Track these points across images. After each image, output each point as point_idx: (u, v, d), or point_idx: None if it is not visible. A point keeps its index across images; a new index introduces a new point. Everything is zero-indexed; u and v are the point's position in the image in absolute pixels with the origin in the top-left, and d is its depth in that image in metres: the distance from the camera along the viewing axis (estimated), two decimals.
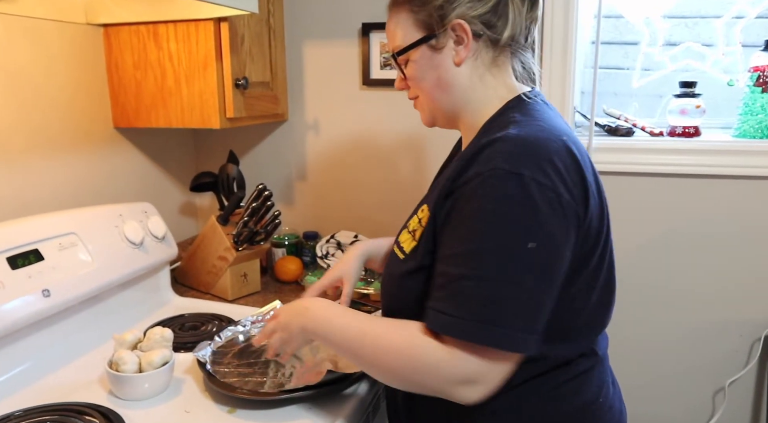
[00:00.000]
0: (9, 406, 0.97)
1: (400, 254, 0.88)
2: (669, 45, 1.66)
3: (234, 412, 0.98)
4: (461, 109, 0.89)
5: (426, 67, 0.87)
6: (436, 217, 0.80)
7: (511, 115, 0.82)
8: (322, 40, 1.69)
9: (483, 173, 0.73)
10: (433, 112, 0.92)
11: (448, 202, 0.77)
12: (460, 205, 0.75)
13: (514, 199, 0.71)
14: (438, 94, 0.88)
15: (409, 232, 0.88)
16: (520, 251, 0.71)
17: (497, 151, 0.74)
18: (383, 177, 1.72)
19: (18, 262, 1.05)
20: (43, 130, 1.32)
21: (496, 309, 0.71)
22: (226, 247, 1.47)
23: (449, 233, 0.76)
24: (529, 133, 0.76)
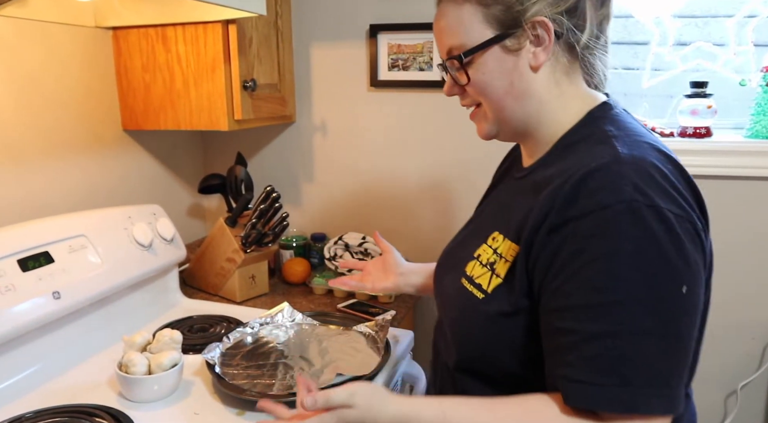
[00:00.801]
0: (20, 407, 0.98)
1: (478, 293, 0.76)
2: (679, 45, 1.64)
3: (243, 414, 0.98)
4: (535, 120, 0.77)
5: (496, 72, 0.74)
6: (534, 254, 0.68)
7: (603, 129, 0.71)
8: (329, 41, 1.69)
9: (611, 206, 0.61)
10: (500, 125, 0.78)
11: (555, 239, 0.65)
12: (581, 244, 0.63)
13: (658, 237, 0.60)
14: (510, 103, 0.75)
15: (483, 266, 0.77)
16: (674, 298, 0.61)
17: (619, 177, 0.62)
18: (391, 179, 1.72)
19: (29, 265, 1.05)
20: (53, 133, 1.32)
21: (659, 370, 0.60)
22: (235, 249, 1.47)
23: (569, 279, 0.64)
24: (643, 153, 0.66)
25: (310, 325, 1.28)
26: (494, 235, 0.77)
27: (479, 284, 0.76)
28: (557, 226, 0.65)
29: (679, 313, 0.61)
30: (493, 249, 0.76)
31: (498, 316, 0.72)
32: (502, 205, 0.83)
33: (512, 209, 0.76)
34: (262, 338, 1.21)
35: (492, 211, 0.86)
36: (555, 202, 0.65)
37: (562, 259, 0.64)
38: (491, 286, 0.74)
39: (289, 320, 1.29)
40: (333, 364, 1.11)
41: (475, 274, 0.77)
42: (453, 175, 1.65)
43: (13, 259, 1.03)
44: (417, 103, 1.64)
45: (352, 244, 1.61)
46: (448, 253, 0.92)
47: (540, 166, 0.77)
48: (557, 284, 0.65)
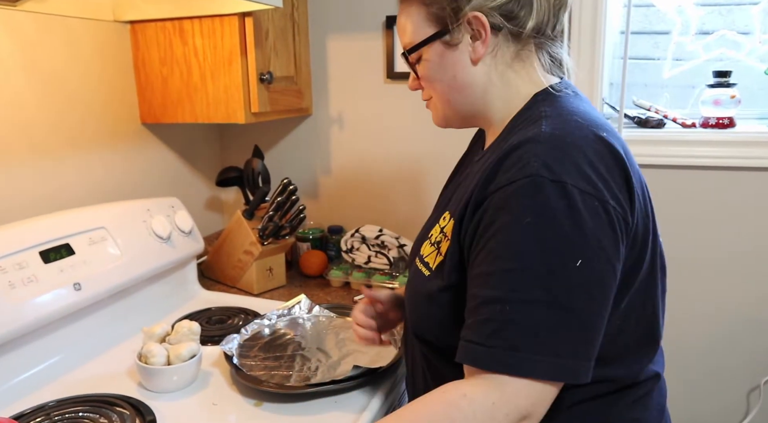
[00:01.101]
0: (42, 396, 1.00)
1: (425, 270, 0.79)
2: (702, 34, 1.61)
3: (261, 405, 0.98)
4: (480, 110, 0.80)
5: (439, 66, 0.78)
6: (463, 230, 0.71)
7: (540, 110, 0.73)
8: (345, 33, 1.68)
9: (517, 180, 0.64)
10: (446, 114, 0.83)
11: (477, 214, 0.68)
12: (492, 216, 0.66)
13: (557, 212, 0.62)
14: (453, 95, 0.79)
15: (431, 245, 0.80)
16: (566, 270, 0.62)
17: (531, 153, 0.65)
18: (408, 170, 1.71)
19: (50, 256, 1.07)
20: (73, 126, 1.34)
21: (545, 338, 0.62)
22: (252, 241, 1.48)
23: (481, 249, 0.67)
24: (565, 131, 0.68)
25: (327, 317, 1.28)
26: (445, 215, 0.80)
27: (427, 262, 0.79)
28: (479, 202, 0.68)
29: (570, 285, 0.63)
30: (442, 228, 0.78)
31: (435, 292, 0.75)
32: (457, 187, 0.85)
33: (461, 189, 0.79)
34: (279, 330, 1.22)
35: (449, 194, 0.88)
36: (481, 180, 0.69)
37: (479, 232, 0.68)
38: (435, 263, 0.77)
39: (306, 312, 1.29)
40: (350, 356, 1.11)
41: (425, 253, 0.81)
42: None
43: (35, 251, 1.05)
44: None
45: (369, 237, 1.61)
46: (416, 239, 0.93)
47: (489, 149, 0.79)
48: (473, 255, 0.69)
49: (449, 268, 0.73)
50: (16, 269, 1.00)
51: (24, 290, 1.00)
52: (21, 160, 1.22)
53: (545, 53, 0.80)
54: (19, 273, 1.01)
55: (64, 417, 0.93)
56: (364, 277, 1.52)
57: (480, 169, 0.74)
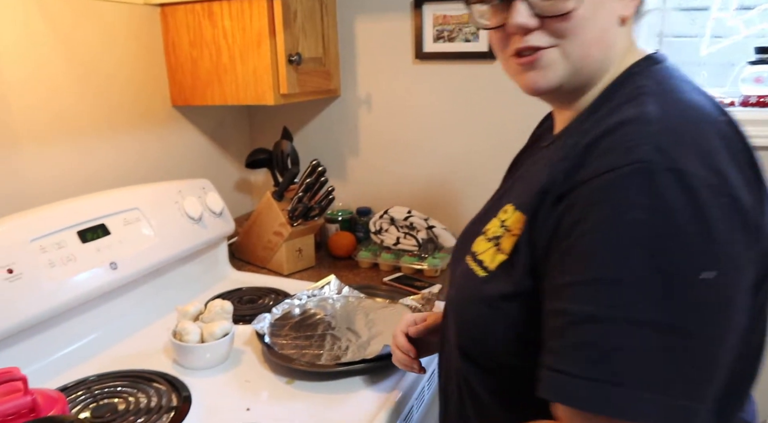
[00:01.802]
0: (82, 371, 1.03)
1: (480, 270, 0.65)
2: (743, 9, 1.55)
3: (292, 383, 1.00)
4: (591, 81, 0.64)
5: (600, 11, 0.60)
6: (537, 226, 0.58)
7: (639, 85, 0.60)
8: (373, 13, 1.66)
9: (620, 167, 0.51)
10: (571, 75, 0.63)
11: (558, 208, 0.56)
12: (583, 212, 0.53)
13: (676, 208, 0.48)
14: (594, 52, 0.61)
15: (489, 241, 0.66)
16: (686, 284, 0.48)
17: (638, 135, 0.52)
18: (436, 152, 1.70)
19: (87, 236, 1.09)
20: (106, 110, 1.36)
21: (656, 370, 0.48)
22: (281, 222, 1.49)
23: (567, 252, 0.54)
24: (680, 110, 0.55)
25: (357, 298, 1.29)
26: (507, 208, 0.66)
27: (481, 261, 0.66)
28: (563, 194, 0.55)
29: (691, 304, 0.48)
30: (502, 222, 0.66)
31: (498, 299, 0.61)
32: (521, 177, 0.73)
33: (526, 179, 0.68)
34: (309, 310, 1.23)
35: (511, 185, 0.75)
36: (564, 167, 0.57)
37: (563, 231, 0.54)
38: (495, 263, 0.63)
39: (336, 293, 1.30)
40: (380, 335, 1.12)
41: (479, 250, 0.67)
42: (502, 150, 1.61)
43: (73, 231, 1.08)
44: (463, 75, 1.61)
45: (398, 218, 1.61)
46: (462, 235, 0.82)
47: (565, 132, 0.67)
48: (555, 259, 0.55)
49: (519, 271, 0.60)
50: (55, 248, 1.03)
51: (63, 269, 1.03)
52: (57, 142, 1.25)
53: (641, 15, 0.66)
54: (59, 252, 1.04)
55: (104, 391, 0.96)
56: (393, 258, 1.52)
57: (555, 155, 0.62)
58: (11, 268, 0.95)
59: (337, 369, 1.00)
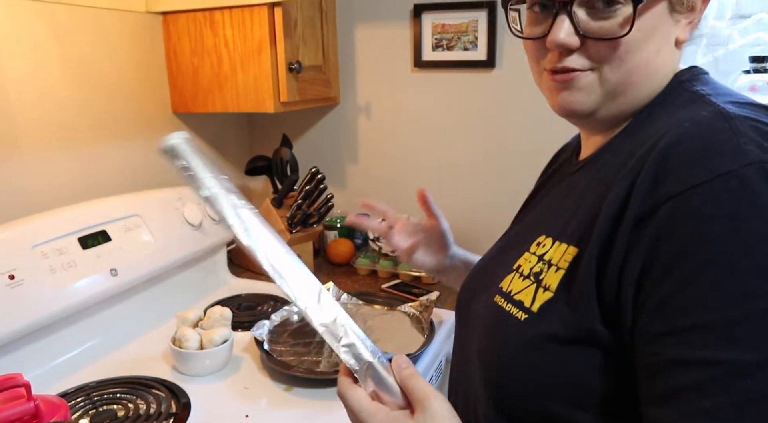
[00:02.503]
0: (82, 377, 1.03)
1: (518, 312, 0.55)
2: (738, 18, 1.57)
3: (291, 390, 1.00)
4: (630, 107, 0.58)
5: (652, 33, 0.54)
6: (611, 258, 0.48)
7: (692, 90, 0.55)
8: (373, 22, 1.68)
9: (733, 171, 0.42)
10: (610, 102, 0.57)
11: (645, 232, 0.45)
12: (696, 231, 0.42)
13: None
14: (641, 77, 0.55)
15: (525, 278, 0.57)
16: None
17: (734, 134, 0.45)
18: (435, 159, 1.71)
19: (88, 243, 1.10)
20: (107, 116, 1.37)
21: None
22: (280, 229, 1.50)
23: (684, 285, 0.43)
24: (756, 113, 0.49)
25: (355, 305, 1.30)
26: (539, 239, 0.58)
27: (520, 302, 0.56)
28: (646, 214, 0.45)
29: None
30: (539, 256, 0.57)
31: (548, 342, 0.51)
32: (550, 207, 0.65)
33: (564, 207, 0.59)
34: None
35: (535, 217, 0.67)
36: (636, 181, 0.47)
37: (665, 260, 0.44)
38: (537, 303, 0.53)
39: (335, 300, 1.31)
40: (378, 343, 1.11)
41: (514, 289, 0.57)
42: (500, 157, 1.63)
43: (74, 237, 1.09)
44: (462, 83, 1.62)
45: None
46: (476, 273, 0.73)
47: (602, 152, 0.59)
48: (663, 296, 0.44)
49: (587, 314, 0.49)
50: (56, 255, 1.04)
51: (64, 275, 1.04)
52: (58, 149, 1.26)
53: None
54: (59, 258, 1.04)
55: (103, 397, 0.97)
56: (391, 266, 1.53)
57: (598, 177, 0.55)
58: (13, 274, 0.96)
59: (336, 376, 1.00)
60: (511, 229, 0.75)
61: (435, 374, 1.16)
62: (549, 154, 0.82)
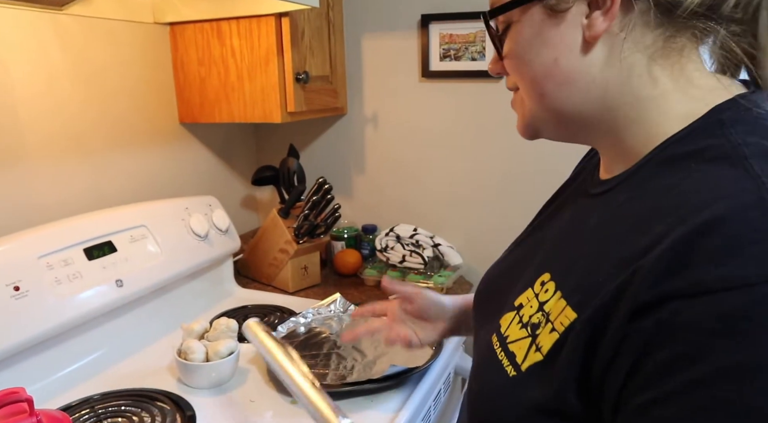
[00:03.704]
0: (86, 389, 1.02)
1: (509, 365, 0.53)
2: None
3: (296, 403, 0.99)
4: (598, 117, 0.53)
5: (536, 42, 0.52)
6: (602, 343, 0.43)
7: (733, 140, 0.45)
8: (380, 32, 1.68)
9: (755, 284, 0.36)
10: (537, 116, 0.56)
11: (644, 325, 0.40)
12: (700, 344, 0.38)
13: None
14: (550, 87, 0.53)
15: (522, 326, 0.54)
16: None
17: (762, 234, 0.38)
18: (443, 170, 1.70)
19: (94, 254, 1.10)
20: (115, 126, 1.37)
21: None
22: (287, 240, 1.49)
23: (675, 395, 0.39)
24: None
25: (362, 317, 1.28)
26: (543, 277, 0.55)
27: (513, 353, 0.53)
28: (647, 306, 0.40)
29: None
30: (540, 303, 0.53)
31: (532, 410, 0.49)
32: (561, 231, 0.61)
33: (572, 245, 0.55)
34: (314, 328, 1.23)
35: (550, 237, 0.63)
36: (646, 263, 0.41)
37: (656, 364, 0.40)
38: (527, 363, 0.51)
39: (342, 311, 1.30)
40: (386, 355, 1.11)
41: (511, 336, 0.55)
42: (509, 169, 1.61)
43: (79, 248, 1.08)
44: (469, 93, 1.61)
45: (404, 236, 1.60)
46: (492, 281, 0.71)
47: (619, 185, 0.53)
48: (646, 400, 0.40)
49: (561, 382, 0.47)
50: (62, 265, 1.03)
51: (69, 286, 1.03)
52: (66, 159, 1.25)
53: (717, 44, 0.51)
54: (65, 269, 1.04)
55: (108, 410, 0.96)
56: (399, 276, 1.52)
57: (609, 219, 0.51)
58: (18, 285, 0.95)
59: (343, 388, 0.99)
60: (527, 238, 0.71)
61: (443, 387, 1.15)
62: (558, 163, 0.79)
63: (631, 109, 0.52)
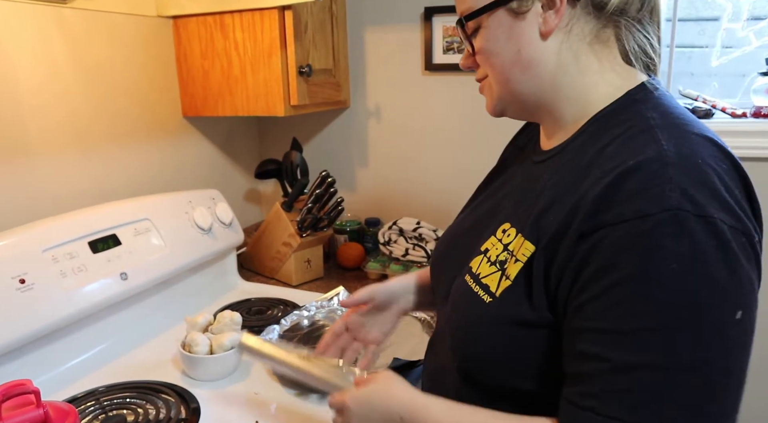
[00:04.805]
0: (91, 382, 1.03)
1: (484, 294, 0.66)
2: (753, 20, 1.55)
3: (301, 395, 0.99)
4: (548, 97, 0.67)
5: (502, 38, 0.65)
6: (555, 263, 0.59)
7: (644, 115, 0.61)
8: (383, 25, 1.67)
9: (652, 215, 0.52)
10: (506, 99, 0.70)
11: (580, 247, 0.56)
12: (613, 257, 0.53)
13: (709, 255, 0.51)
14: (515, 73, 0.66)
15: (491, 264, 0.67)
16: (726, 327, 0.51)
17: (664, 179, 0.53)
18: (445, 163, 1.70)
19: (98, 247, 1.10)
20: (118, 121, 1.37)
21: (707, 412, 0.51)
22: (291, 233, 1.50)
23: (598, 298, 0.54)
24: (692, 148, 0.56)
25: None
26: (504, 226, 0.69)
27: (486, 285, 0.66)
28: (585, 233, 0.55)
29: (730, 343, 0.52)
30: (504, 244, 0.67)
31: (509, 325, 0.62)
32: (516, 192, 0.74)
33: (528, 200, 0.67)
34: (318, 321, 1.23)
35: (503, 197, 0.76)
36: (584, 203, 0.56)
37: (589, 274, 0.55)
38: (500, 289, 0.64)
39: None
40: (389, 348, 1.11)
41: (482, 273, 0.68)
42: None
43: (84, 241, 1.08)
44: (473, 86, 1.59)
45: (407, 229, 1.61)
46: (450, 242, 0.84)
47: (563, 151, 0.68)
48: (582, 301, 0.56)
49: (531, 300, 0.61)
50: (67, 259, 1.04)
51: (74, 279, 1.04)
52: (70, 153, 1.26)
53: (631, 39, 0.66)
54: (70, 262, 1.04)
55: (113, 402, 0.96)
56: (402, 270, 1.52)
57: (557, 178, 0.64)
58: (23, 278, 0.96)
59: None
60: (481, 201, 0.84)
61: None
62: None
63: (572, 90, 0.66)
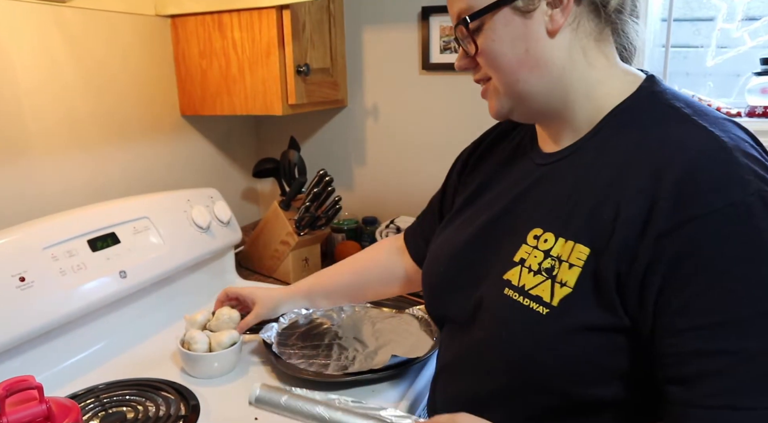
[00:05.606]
0: (91, 379, 1.03)
1: (539, 306, 0.62)
2: (748, 20, 1.56)
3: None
4: (558, 95, 0.66)
5: (508, 38, 0.63)
6: (634, 266, 0.57)
7: (672, 104, 0.62)
8: (381, 25, 1.68)
9: (741, 200, 0.53)
10: (514, 101, 0.67)
11: (668, 246, 0.55)
12: (711, 249, 0.53)
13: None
14: (524, 73, 0.64)
15: (536, 273, 0.64)
16: None
17: (737, 165, 0.54)
18: (443, 163, 1.70)
19: (97, 245, 1.10)
20: (117, 119, 1.37)
21: None
22: (288, 231, 1.50)
23: (703, 292, 0.54)
24: (736, 134, 0.58)
25: (363, 308, 1.29)
26: (535, 232, 0.66)
27: (538, 296, 0.63)
28: (668, 230, 0.54)
29: None
30: (543, 251, 0.64)
31: (577, 332, 0.60)
32: (531, 196, 0.71)
33: (557, 202, 0.66)
34: (316, 319, 1.24)
35: (510, 203, 0.73)
36: (656, 199, 0.56)
37: (688, 270, 0.54)
38: (556, 298, 0.61)
39: None
40: (387, 346, 1.12)
41: (528, 284, 0.64)
42: None
43: (83, 239, 1.09)
44: (470, 86, 1.60)
45: (404, 228, 1.61)
46: (448, 261, 0.80)
47: (579, 149, 0.67)
48: (686, 299, 0.54)
49: (607, 306, 0.58)
50: (66, 257, 1.04)
51: (74, 277, 1.04)
52: (68, 151, 1.26)
53: (621, 34, 0.67)
54: (69, 260, 1.04)
55: (113, 399, 0.97)
56: None
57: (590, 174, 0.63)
58: (23, 276, 0.96)
59: (345, 379, 1.00)
60: (468, 215, 0.80)
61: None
62: None
63: (582, 87, 0.65)
